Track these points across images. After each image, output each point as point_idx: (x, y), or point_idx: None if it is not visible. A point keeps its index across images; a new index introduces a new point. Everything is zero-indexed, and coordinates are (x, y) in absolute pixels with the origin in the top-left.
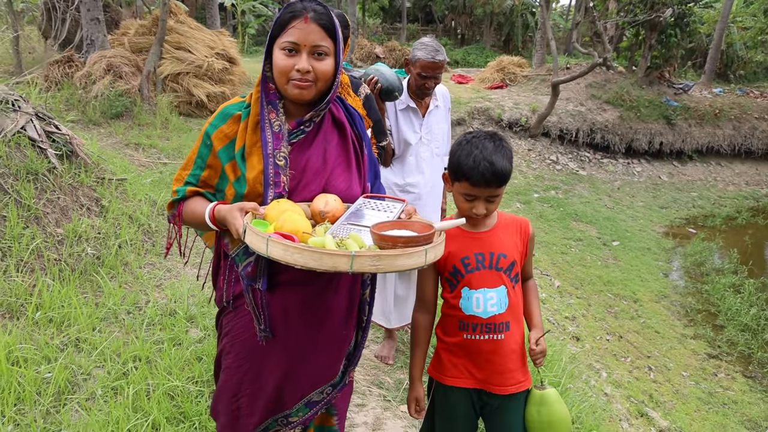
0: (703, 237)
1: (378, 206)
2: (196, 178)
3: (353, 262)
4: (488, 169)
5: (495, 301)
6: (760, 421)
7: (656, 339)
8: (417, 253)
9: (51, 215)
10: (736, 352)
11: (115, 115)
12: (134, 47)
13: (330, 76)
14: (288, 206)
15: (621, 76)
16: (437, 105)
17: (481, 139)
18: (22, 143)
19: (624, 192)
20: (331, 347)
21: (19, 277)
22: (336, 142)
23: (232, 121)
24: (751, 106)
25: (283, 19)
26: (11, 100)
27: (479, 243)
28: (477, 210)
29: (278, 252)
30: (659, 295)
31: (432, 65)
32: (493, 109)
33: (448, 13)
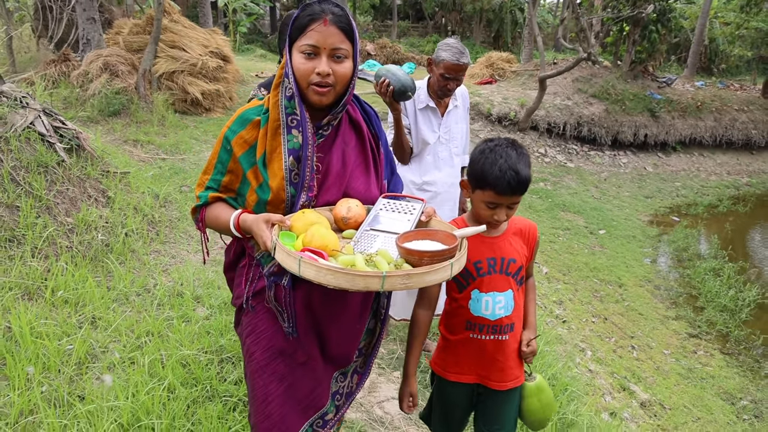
0: (685, 225)
1: (398, 207)
2: (218, 183)
3: (384, 282)
4: (514, 178)
5: (503, 304)
6: (734, 393)
7: (639, 320)
8: (443, 268)
9: (61, 205)
10: (715, 331)
11: (113, 113)
12: (129, 46)
13: (348, 78)
14: (314, 218)
15: (606, 70)
16: (456, 105)
17: (503, 147)
18: (32, 138)
19: (610, 183)
20: (347, 338)
21: (34, 263)
22: (354, 144)
23: (251, 126)
24: (732, 99)
25: (302, 22)
26: (19, 97)
27: (492, 248)
28: (499, 217)
29: (311, 273)
30: (643, 279)
31: (456, 67)
32: (483, 103)
33: (438, 10)
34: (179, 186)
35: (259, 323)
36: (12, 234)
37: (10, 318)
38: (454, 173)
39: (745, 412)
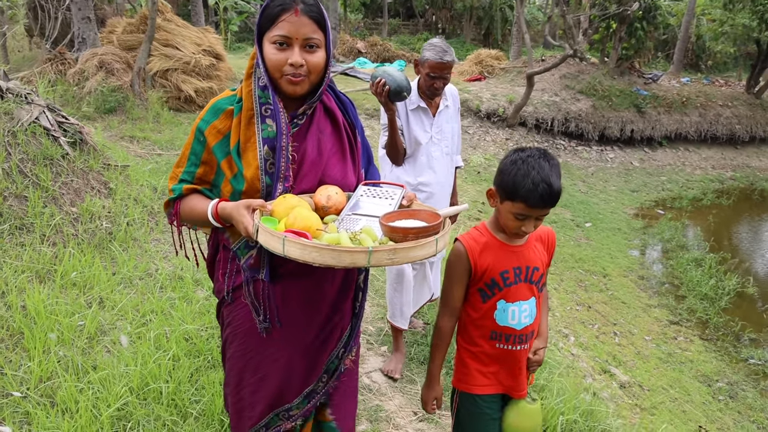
0: (670, 217)
1: (378, 193)
2: (191, 175)
3: (371, 257)
4: (547, 191)
5: (528, 313)
6: (711, 376)
7: (622, 309)
8: (429, 244)
9: (66, 196)
10: (695, 319)
11: (109, 110)
12: (123, 45)
13: (322, 68)
14: (295, 202)
15: (593, 67)
16: (447, 105)
17: (536, 158)
18: (37, 132)
19: (597, 177)
20: (326, 331)
21: (44, 248)
22: (329, 132)
23: (224, 116)
24: (716, 95)
25: (272, 12)
26: (24, 93)
27: (517, 257)
28: (527, 228)
29: (295, 251)
30: (627, 270)
31: (440, 66)
32: (472, 100)
33: (428, 8)
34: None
35: (237, 316)
36: (21, 222)
37: (25, 297)
38: (448, 173)
39: (720, 393)
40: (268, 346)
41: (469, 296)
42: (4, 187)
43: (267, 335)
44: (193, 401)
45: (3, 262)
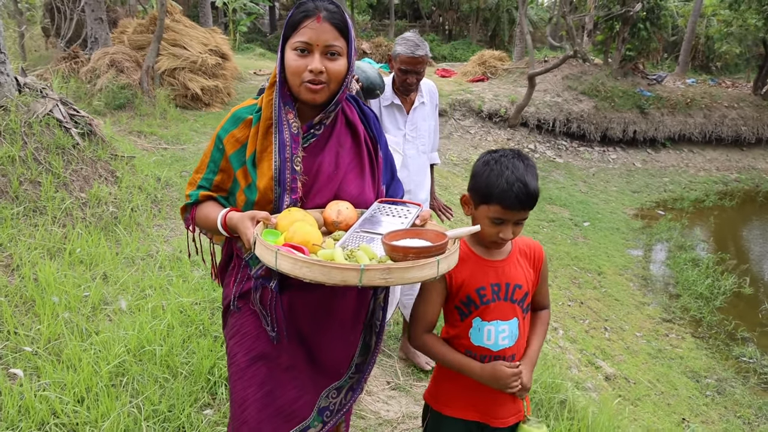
0: (670, 218)
1: (392, 212)
2: (209, 182)
3: (362, 276)
4: (523, 191)
5: (506, 334)
6: (700, 372)
7: (615, 305)
8: (429, 265)
9: (76, 182)
10: (689, 317)
11: (119, 106)
12: (134, 44)
13: (342, 76)
14: (299, 216)
15: (597, 68)
16: (423, 101)
17: (509, 158)
18: (51, 123)
19: (599, 178)
20: (337, 350)
21: (55, 229)
22: (349, 146)
23: (243, 125)
24: (722, 96)
25: (295, 19)
26: (39, 88)
27: (495, 272)
28: (505, 234)
29: (287, 265)
30: (623, 268)
31: (412, 60)
32: (474, 100)
33: (435, 9)
34: (179, 171)
35: (244, 324)
36: (35, 205)
37: (37, 270)
38: (422, 171)
39: (708, 388)
40: (275, 356)
41: (447, 314)
42: (20, 173)
43: (273, 347)
44: (183, 363)
45: (18, 239)
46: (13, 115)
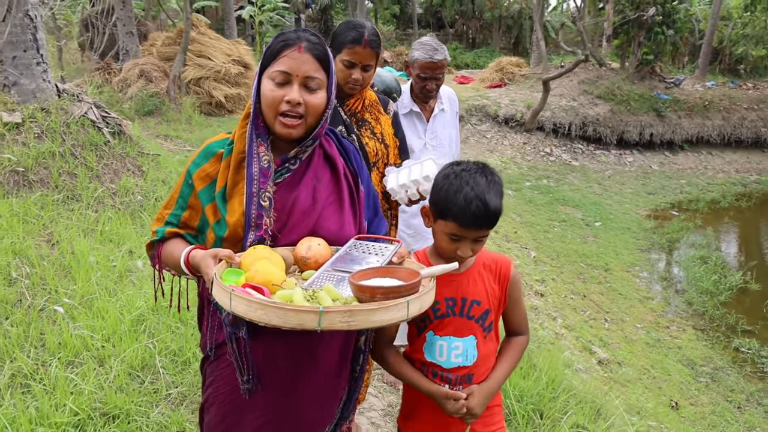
0: (683, 218)
1: (369, 249)
2: (177, 219)
3: (321, 319)
4: (481, 210)
5: (460, 352)
6: (697, 361)
7: (618, 299)
8: (396, 306)
9: (107, 175)
10: (692, 311)
11: (147, 113)
12: (162, 56)
13: (321, 110)
14: (264, 253)
15: (613, 72)
16: (443, 109)
17: (471, 173)
18: (86, 124)
19: (614, 180)
20: (321, 401)
21: (88, 213)
22: (327, 180)
23: (214, 159)
24: (741, 98)
25: (275, 47)
26: (75, 93)
27: (451, 287)
28: (462, 252)
29: (241, 307)
30: (631, 266)
31: (431, 65)
32: (490, 105)
33: (458, 18)
34: None
35: (218, 377)
36: (72, 193)
37: (73, 245)
38: None
39: (701, 375)
40: (252, 408)
41: (409, 330)
42: (59, 166)
43: (251, 399)
44: (192, 315)
45: (58, 221)
46: (54, 117)
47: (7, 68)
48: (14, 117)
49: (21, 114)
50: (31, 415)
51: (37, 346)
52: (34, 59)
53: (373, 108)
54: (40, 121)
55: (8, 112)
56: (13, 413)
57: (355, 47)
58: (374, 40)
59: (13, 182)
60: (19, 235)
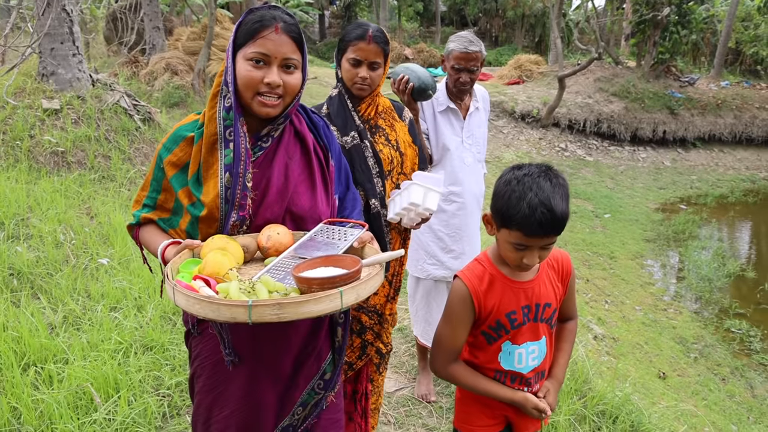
0: (691, 212)
1: (334, 234)
2: (153, 201)
3: (251, 312)
4: (547, 218)
5: (536, 354)
6: (689, 339)
7: (621, 284)
8: (328, 297)
9: (138, 158)
10: (690, 295)
11: (173, 104)
12: (187, 50)
13: (297, 90)
14: (221, 243)
15: (629, 71)
16: (477, 107)
17: (534, 177)
18: (118, 111)
19: (626, 175)
20: (299, 369)
21: (122, 191)
22: (299, 157)
23: (184, 143)
24: (754, 97)
25: (251, 27)
26: (109, 83)
27: (526, 294)
28: (529, 261)
29: (182, 302)
30: (636, 255)
31: (465, 56)
32: (507, 102)
33: (481, 16)
34: None
35: (203, 350)
36: (107, 173)
37: (110, 217)
38: (479, 181)
39: (691, 351)
40: (235, 379)
41: (472, 338)
42: (95, 149)
43: (234, 368)
44: None
45: (95, 197)
46: (89, 104)
47: (46, 59)
48: (53, 104)
49: (59, 101)
50: (83, 344)
51: (83, 296)
52: (70, 51)
53: (387, 114)
54: (76, 108)
55: (47, 99)
56: (69, 343)
57: (360, 43)
58: (379, 36)
59: (54, 163)
60: (62, 208)
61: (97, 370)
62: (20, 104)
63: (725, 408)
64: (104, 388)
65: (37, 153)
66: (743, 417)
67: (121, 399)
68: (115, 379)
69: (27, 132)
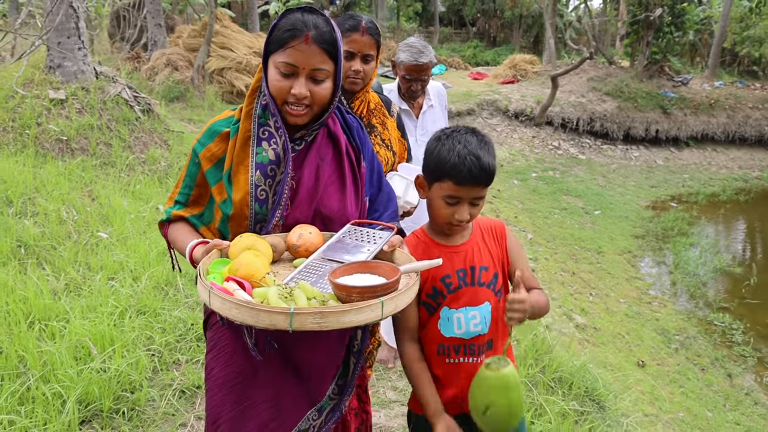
0: (681, 209)
1: (362, 236)
2: (186, 197)
3: (292, 320)
4: (475, 164)
5: (478, 320)
6: (671, 331)
7: (607, 278)
8: (369, 307)
9: (137, 146)
10: (675, 289)
11: (173, 99)
12: (187, 47)
13: (327, 100)
14: (250, 242)
15: (622, 70)
16: (431, 104)
17: (462, 133)
18: (119, 102)
19: (618, 173)
20: (320, 368)
21: (122, 176)
22: (330, 158)
23: (219, 139)
24: (747, 97)
25: (282, 36)
26: (111, 75)
27: (459, 258)
28: (460, 215)
29: (218, 305)
30: (624, 250)
31: (416, 68)
32: (501, 100)
33: (479, 16)
34: None
35: (221, 339)
36: (108, 160)
37: (110, 199)
38: None
39: (672, 342)
40: (252, 374)
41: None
42: (97, 137)
43: (251, 361)
44: None
45: (96, 181)
46: (92, 95)
47: (53, 52)
48: (59, 94)
49: (65, 92)
50: (83, 306)
51: (83, 267)
52: (76, 45)
53: (378, 111)
54: (80, 98)
55: (54, 89)
56: (70, 305)
57: (353, 35)
58: (372, 28)
59: (58, 149)
60: (66, 190)
61: (95, 328)
62: (28, 94)
63: (702, 396)
64: (101, 343)
65: (44, 140)
66: (719, 404)
67: (115, 353)
68: (111, 336)
69: (34, 120)
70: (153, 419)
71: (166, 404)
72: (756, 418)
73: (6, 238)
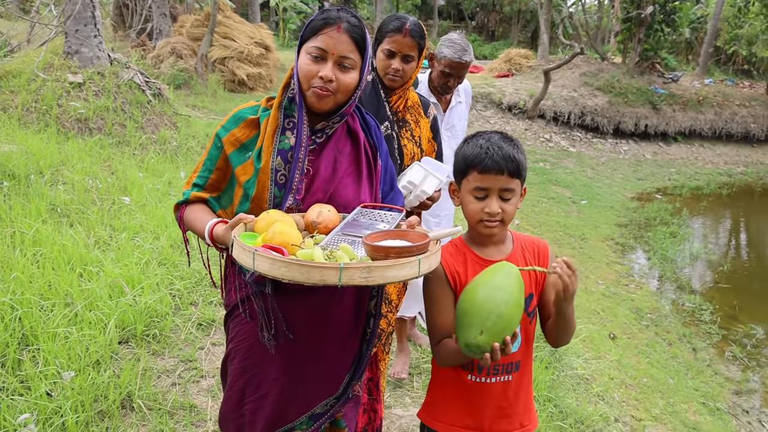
0: (665, 201)
1: (375, 216)
2: (205, 180)
3: (342, 275)
4: (497, 152)
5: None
6: (645, 310)
7: (587, 262)
8: (409, 264)
9: (149, 127)
10: (652, 274)
11: (177, 86)
12: (191, 36)
13: (351, 89)
14: (278, 217)
15: (615, 66)
16: (459, 101)
17: (487, 133)
18: (132, 86)
19: (607, 166)
20: (335, 358)
21: (136, 153)
22: (348, 152)
23: (244, 125)
24: (735, 95)
25: (316, 24)
26: (124, 62)
27: None
28: (491, 208)
29: (265, 266)
30: (606, 238)
31: (458, 65)
32: (495, 93)
33: (478, 11)
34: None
35: (240, 332)
36: (122, 139)
37: (127, 173)
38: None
39: (644, 319)
40: (272, 362)
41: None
42: (112, 118)
43: (269, 352)
44: None
45: (112, 159)
46: (108, 79)
47: (71, 39)
48: (77, 78)
49: (82, 76)
50: (112, 258)
51: (109, 228)
52: (92, 32)
53: (414, 110)
54: (97, 82)
55: (72, 74)
56: (101, 258)
57: (396, 36)
58: (415, 30)
59: (78, 128)
60: (88, 164)
61: (125, 272)
62: (49, 78)
63: (666, 366)
64: (131, 284)
65: (64, 119)
66: (681, 373)
67: (143, 291)
68: (139, 279)
69: (55, 101)
70: (176, 343)
71: (186, 332)
72: (714, 386)
73: (42, 202)
